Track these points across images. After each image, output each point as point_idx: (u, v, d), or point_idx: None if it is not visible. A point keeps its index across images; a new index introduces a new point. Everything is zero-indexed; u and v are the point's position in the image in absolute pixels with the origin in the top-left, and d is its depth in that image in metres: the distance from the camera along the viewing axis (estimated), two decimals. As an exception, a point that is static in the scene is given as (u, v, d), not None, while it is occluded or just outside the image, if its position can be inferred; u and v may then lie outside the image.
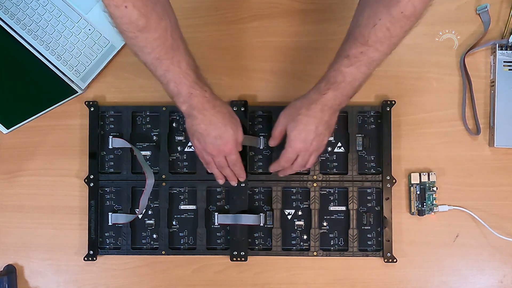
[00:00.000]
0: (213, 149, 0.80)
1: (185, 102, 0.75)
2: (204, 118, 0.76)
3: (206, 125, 0.77)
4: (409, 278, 0.93)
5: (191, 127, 0.78)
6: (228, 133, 0.79)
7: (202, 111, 0.76)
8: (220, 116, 0.77)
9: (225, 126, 0.78)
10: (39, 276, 0.95)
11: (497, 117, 0.91)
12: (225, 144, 0.79)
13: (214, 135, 0.78)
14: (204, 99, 0.75)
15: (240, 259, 0.92)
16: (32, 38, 0.94)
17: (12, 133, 0.95)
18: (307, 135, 0.77)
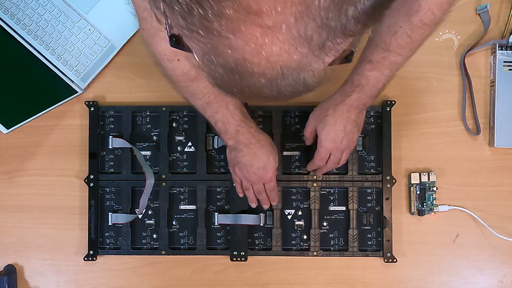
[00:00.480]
0: (255, 178, 0.84)
1: (232, 138, 0.80)
2: (250, 151, 0.81)
3: (251, 158, 0.81)
4: (409, 278, 0.93)
5: (235, 159, 0.83)
6: (270, 164, 0.83)
7: (248, 145, 0.80)
8: (264, 149, 0.82)
9: (268, 158, 0.82)
10: (39, 276, 0.95)
11: (497, 117, 0.91)
12: (267, 173, 0.83)
13: (257, 166, 0.82)
14: (250, 134, 0.80)
15: (240, 259, 0.92)
16: (32, 38, 0.94)
17: (12, 133, 0.95)
18: (336, 135, 0.80)
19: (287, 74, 0.36)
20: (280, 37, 0.33)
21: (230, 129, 0.79)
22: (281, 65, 0.35)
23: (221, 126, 0.79)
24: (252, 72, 0.36)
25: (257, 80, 0.36)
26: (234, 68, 0.36)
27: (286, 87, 0.37)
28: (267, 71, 0.35)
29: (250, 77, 0.36)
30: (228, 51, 0.34)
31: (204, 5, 0.32)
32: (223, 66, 0.36)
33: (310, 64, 0.36)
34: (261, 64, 0.35)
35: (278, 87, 0.37)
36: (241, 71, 0.36)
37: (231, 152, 0.83)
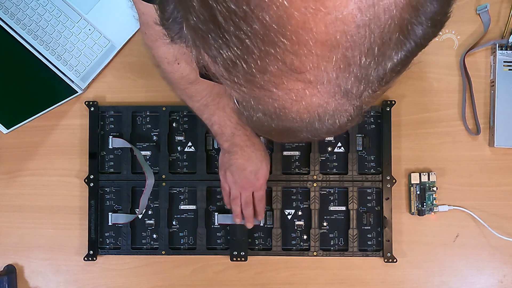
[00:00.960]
0: (246, 183, 0.84)
1: (227, 140, 0.80)
2: (244, 154, 0.81)
3: (245, 161, 0.82)
4: (409, 278, 0.93)
5: (228, 161, 0.83)
6: (262, 170, 0.84)
7: (242, 148, 0.81)
8: (258, 154, 0.82)
9: (261, 163, 0.83)
10: (39, 276, 0.95)
11: (497, 117, 0.91)
12: (258, 179, 0.84)
13: (250, 170, 0.82)
14: (246, 137, 0.80)
15: (240, 259, 0.92)
16: (32, 38, 0.94)
17: (12, 133, 0.94)
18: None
19: (323, 119, 0.37)
20: (320, 90, 0.34)
21: (226, 131, 0.79)
22: (319, 112, 0.36)
23: (217, 129, 0.79)
24: (291, 118, 0.36)
25: (294, 125, 0.37)
26: (274, 114, 0.36)
27: (322, 129, 0.38)
28: (305, 117, 0.36)
29: (288, 122, 0.37)
30: (269, 100, 0.35)
31: (249, 62, 0.32)
32: (263, 113, 0.37)
33: (347, 111, 0.37)
34: (300, 111, 0.36)
35: (315, 130, 0.38)
36: (280, 117, 0.37)
37: (225, 155, 0.83)
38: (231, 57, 0.32)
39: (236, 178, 0.84)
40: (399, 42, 0.33)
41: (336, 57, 0.32)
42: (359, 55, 0.32)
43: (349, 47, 0.32)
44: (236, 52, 0.32)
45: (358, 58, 0.32)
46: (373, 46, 0.32)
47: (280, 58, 0.32)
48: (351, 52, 0.32)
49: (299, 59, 0.32)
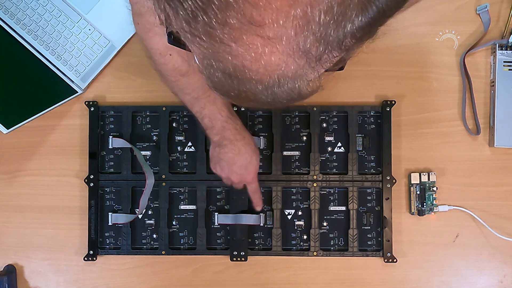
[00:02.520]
0: (236, 178, 0.85)
1: (217, 134, 0.80)
2: (234, 147, 0.82)
3: (235, 155, 0.82)
4: (409, 278, 0.93)
5: (218, 155, 0.83)
6: (252, 163, 0.84)
7: (232, 141, 0.81)
8: (248, 148, 0.83)
9: (251, 157, 0.83)
10: (39, 276, 0.95)
11: (497, 117, 0.91)
12: (248, 174, 0.84)
13: (239, 164, 0.83)
14: (236, 131, 0.81)
15: (240, 259, 0.92)
16: (32, 38, 0.94)
17: (12, 133, 0.95)
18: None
19: (283, 83, 0.37)
20: (279, 48, 0.34)
21: (217, 124, 0.79)
22: (278, 74, 0.36)
23: (208, 122, 0.79)
24: (250, 78, 0.36)
25: (254, 86, 0.37)
26: (233, 73, 0.36)
27: (281, 94, 0.38)
28: (264, 78, 0.36)
29: (248, 83, 0.37)
30: (228, 58, 0.35)
31: (209, 13, 0.32)
32: (222, 71, 0.37)
33: (306, 74, 0.37)
34: (259, 71, 0.36)
35: (274, 94, 0.38)
36: (239, 77, 0.37)
37: (215, 148, 0.84)
38: (191, 7, 0.33)
39: (226, 172, 0.85)
40: (360, 4, 0.34)
41: (295, 12, 0.32)
42: (319, 12, 0.32)
43: (308, 3, 0.32)
44: (196, 2, 0.32)
45: (318, 16, 0.33)
46: (333, 3, 0.32)
47: (239, 9, 0.32)
48: (310, 9, 0.32)
49: (259, 11, 0.32)
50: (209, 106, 0.78)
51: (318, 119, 0.93)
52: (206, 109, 0.78)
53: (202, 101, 0.77)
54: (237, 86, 0.38)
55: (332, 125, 0.93)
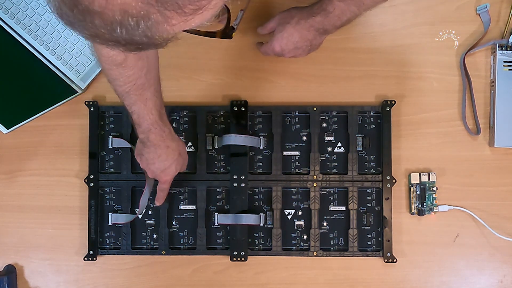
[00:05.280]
0: (151, 174, 0.86)
1: (143, 133, 0.80)
2: (155, 151, 0.82)
3: (154, 157, 0.82)
4: (409, 278, 0.93)
5: (141, 150, 0.83)
6: (171, 170, 0.84)
7: (155, 146, 0.81)
8: (170, 154, 0.83)
9: (170, 165, 0.84)
10: (39, 276, 0.95)
11: (497, 117, 0.91)
12: (165, 176, 0.85)
13: (157, 167, 0.83)
14: (161, 138, 0.80)
15: (240, 259, 0.92)
16: (32, 38, 0.94)
17: (12, 133, 0.95)
18: (287, 44, 0.84)
19: (126, 20, 0.37)
20: None
21: (143, 124, 0.79)
22: (117, 7, 0.36)
23: (136, 119, 0.79)
24: (92, 11, 0.36)
25: (98, 22, 0.37)
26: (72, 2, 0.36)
27: (129, 34, 0.38)
28: (106, 12, 0.36)
29: (90, 16, 0.37)
30: None
31: None
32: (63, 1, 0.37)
33: (148, 14, 0.36)
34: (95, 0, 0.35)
35: (123, 33, 0.38)
36: (79, 7, 0.36)
37: (140, 143, 0.83)
38: None
39: (144, 166, 0.85)
40: None
41: None
42: None
43: None
44: None
45: None
46: None
47: None
48: None
49: None
50: (139, 104, 0.77)
51: (318, 119, 0.93)
52: (136, 106, 0.77)
53: (133, 97, 0.76)
54: (82, 18, 0.37)
55: (332, 125, 0.93)
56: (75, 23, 0.39)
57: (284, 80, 0.95)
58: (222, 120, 0.94)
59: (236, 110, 0.92)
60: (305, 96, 0.94)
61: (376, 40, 0.95)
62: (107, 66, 0.73)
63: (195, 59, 0.95)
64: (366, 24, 0.94)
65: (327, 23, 0.81)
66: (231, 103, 0.93)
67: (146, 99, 0.77)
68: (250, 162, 0.93)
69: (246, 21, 0.95)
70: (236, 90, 0.95)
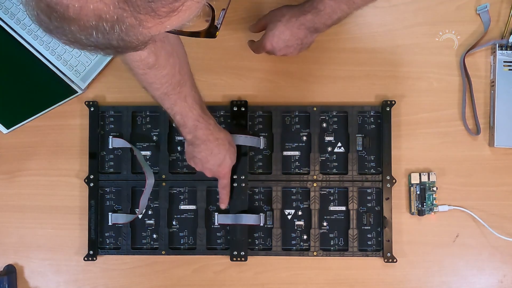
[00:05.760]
0: (209, 173, 0.86)
1: (190, 132, 0.80)
2: (206, 148, 0.82)
3: (207, 154, 0.82)
4: (409, 278, 0.93)
5: (191, 152, 0.83)
6: (226, 162, 0.85)
7: (205, 142, 0.81)
8: (222, 148, 0.84)
9: (224, 157, 0.84)
10: (39, 276, 0.95)
11: (497, 117, 0.91)
12: (222, 170, 0.86)
13: (213, 163, 0.84)
14: (208, 131, 0.81)
15: (240, 259, 0.92)
16: (32, 38, 0.94)
17: (12, 133, 0.95)
18: (278, 42, 0.83)
19: (101, 25, 0.37)
20: None
21: (189, 123, 0.79)
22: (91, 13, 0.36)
23: (180, 119, 0.78)
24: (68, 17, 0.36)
25: (75, 28, 0.37)
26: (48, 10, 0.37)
27: (106, 39, 0.38)
28: (81, 18, 0.36)
29: (66, 22, 0.37)
30: None
31: None
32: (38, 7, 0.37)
33: (122, 19, 0.37)
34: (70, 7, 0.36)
35: (100, 38, 0.38)
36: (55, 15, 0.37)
37: (189, 146, 0.83)
38: None
39: (200, 168, 0.85)
40: None
41: None
42: None
43: None
44: None
45: None
46: None
47: None
48: None
49: None
50: (179, 103, 0.77)
51: (318, 119, 0.93)
52: (177, 106, 0.77)
53: (172, 97, 0.76)
54: (59, 25, 0.37)
55: (332, 125, 0.93)
56: (53, 30, 0.39)
57: (284, 80, 0.95)
58: (222, 120, 0.94)
59: (236, 110, 0.92)
60: (305, 96, 0.94)
61: (376, 40, 0.95)
62: (141, 71, 0.73)
63: (195, 59, 0.94)
64: (366, 24, 0.94)
65: (317, 22, 0.81)
66: (231, 103, 0.93)
67: (185, 96, 0.77)
68: (250, 162, 0.93)
69: (244, 21, 0.95)
70: (236, 90, 0.95)
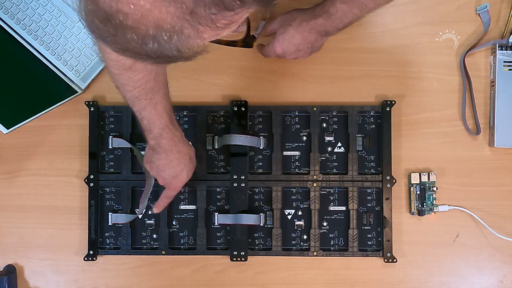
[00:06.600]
0: (162, 181, 0.85)
1: (154, 139, 0.79)
2: (167, 157, 0.80)
3: (166, 163, 0.81)
4: (409, 278, 0.93)
5: (150, 157, 0.82)
6: (181, 177, 0.83)
7: (167, 151, 0.80)
8: (182, 161, 0.82)
9: (181, 171, 0.82)
10: (39, 276, 0.95)
11: (497, 117, 0.91)
12: (176, 183, 0.84)
13: (168, 174, 0.82)
14: (172, 142, 0.80)
15: (240, 259, 0.92)
16: (32, 38, 0.94)
17: (12, 133, 0.95)
18: (288, 46, 0.84)
19: (159, 35, 0.37)
20: None
21: (154, 130, 0.78)
22: (151, 22, 0.36)
23: (146, 124, 0.78)
24: (126, 26, 0.37)
25: (131, 36, 0.37)
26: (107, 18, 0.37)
27: (161, 48, 0.38)
28: (140, 27, 0.36)
29: (124, 31, 0.37)
30: None
31: None
32: (96, 15, 0.37)
33: (182, 29, 0.37)
34: (130, 16, 0.36)
35: (154, 47, 0.38)
36: (113, 23, 0.37)
37: (150, 150, 0.82)
38: None
39: (154, 174, 0.84)
40: None
41: None
42: None
43: None
44: None
45: None
46: None
47: None
48: None
49: None
50: (149, 109, 0.76)
51: (318, 119, 0.93)
52: (146, 112, 0.76)
53: (143, 102, 0.75)
54: (114, 33, 0.37)
55: (332, 125, 0.93)
56: (107, 37, 0.39)
57: (284, 80, 0.95)
58: (222, 120, 0.94)
59: (236, 110, 0.92)
60: (305, 96, 0.94)
61: (376, 40, 0.95)
62: (116, 71, 0.72)
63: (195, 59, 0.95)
64: (366, 24, 0.94)
65: (329, 25, 0.81)
66: (231, 103, 0.93)
67: (156, 103, 0.76)
68: (250, 162, 0.93)
69: (246, 21, 0.95)
70: (236, 90, 0.95)
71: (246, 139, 0.91)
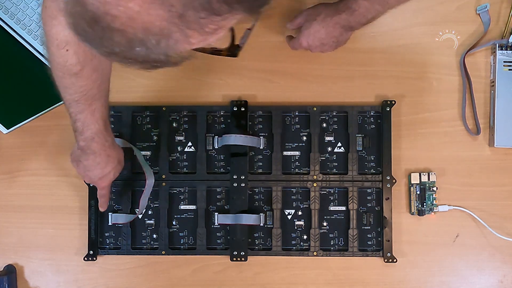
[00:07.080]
0: (88, 180, 0.85)
1: (85, 141, 0.78)
2: (94, 158, 0.80)
3: (93, 164, 0.81)
4: (409, 278, 0.93)
5: (78, 157, 0.81)
6: (108, 177, 0.83)
7: (95, 154, 0.80)
8: (109, 164, 0.82)
9: (108, 172, 0.83)
10: (39, 276, 0.95)
11: (497, 117, 0.91)
12: (102, 183, 0.84)
13: (95, 174, 0.82)
14: (102, 146, 0.80)
15: (240, 259, 0.92)
16: (32, 38, 0.94)
17: (12, 133, 0.95)
18: (314, 40, 0.85)
19: (146, 38, 0.37)
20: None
21: (87, 133, 0.77)
22: (139, 25, 0.36)
23: (80, 126, 0.77)
24: (113, 28, 0.36)
25: (118, 38, 0.37)
26: (95, 20, 0.37)
27: (149, 53, 0.38)
28: (128, 30, 0.36)
29: (111, 33, 0.37)
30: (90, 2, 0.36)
31: None
32: (83, 17, 0.37)
33: (170, 33, 0.37)
34: (119, 18, 0.35)
35: (141, 51, 0.38)
36: (101, 25, 0.36)
37: (78, 150, 0.81)
38: None
39: (81, 173, 0.84)
40: None
41: None
42: None
43: None
44: None
45: None
46: None
47: None
48: None
49: None
50: (86, 113, 0.75)
51: (318, 119, 0.93)
52: (82, 115, 0.75)
53: (81, 106, 0.74)
54: (101, 35, 0.37)
55: (332, 125, 0.93)
56: (93, 40, 0.39)
57: (284, 80, 0.95)
58: (222, 120, 0.94)
59: (236, 110, 0.92)
60: (305, 96, 0.94)
61: (376, 40, 0.95)
62: (60, 74, 0.71)
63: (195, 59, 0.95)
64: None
65: (352, 21, 0.81)
66: (231, 103, 0.93)
67: (94, 109, 0.75)
68: (250, 162, 0.93)
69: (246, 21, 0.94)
70: (236, 90, 0.95)
71: (246, 139, 0.91)
